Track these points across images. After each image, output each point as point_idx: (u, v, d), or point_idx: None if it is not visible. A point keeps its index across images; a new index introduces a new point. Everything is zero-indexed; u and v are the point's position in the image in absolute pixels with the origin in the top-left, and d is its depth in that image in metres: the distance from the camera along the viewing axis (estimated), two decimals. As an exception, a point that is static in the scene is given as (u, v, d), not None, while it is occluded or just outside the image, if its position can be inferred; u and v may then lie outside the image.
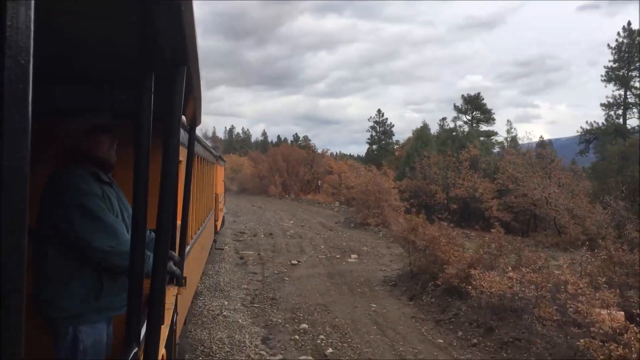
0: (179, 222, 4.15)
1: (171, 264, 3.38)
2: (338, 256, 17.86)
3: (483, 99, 56.38)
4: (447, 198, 28.74)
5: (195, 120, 4.23)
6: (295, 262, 16.57)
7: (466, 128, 55.20)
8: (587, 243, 24.98)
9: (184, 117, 3.76)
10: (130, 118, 2.54)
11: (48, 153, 3.01)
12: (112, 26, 2.18)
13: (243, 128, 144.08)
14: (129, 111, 2.88)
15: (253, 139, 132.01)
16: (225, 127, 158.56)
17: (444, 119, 72.49)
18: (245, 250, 18.92)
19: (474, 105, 56.53)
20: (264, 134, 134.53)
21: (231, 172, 63.81)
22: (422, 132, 36.58)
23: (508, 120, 45.27)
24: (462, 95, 57.60)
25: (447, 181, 29.78)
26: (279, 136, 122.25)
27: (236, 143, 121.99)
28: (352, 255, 17.94)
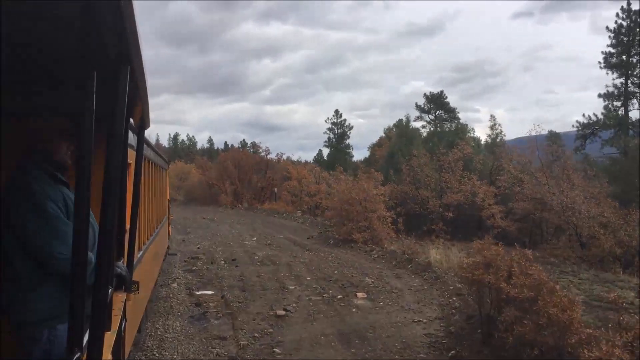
0: (128, 227, 4.18)
1: (120, 267, 3.37)
2: (339, 296, 12.14)
3: (446, 97, 52.03)
4: (441, 205, 23.63)
5: (144, 122, 4.12)
6: (282, 311, 10.73)
7: (430, 128, 50.99)
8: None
9: (132, 120, 3.77)
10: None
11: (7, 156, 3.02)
12: (53, 23, 1.97)
13: (188, 135, 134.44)
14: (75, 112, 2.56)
15: (199, 146, 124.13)
16: (169, 134, 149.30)
17: (400, 120, 68.33)
18: (202, 288, 13.00)
19: (437, 104, 52.14)
20: (210, 140, 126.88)
21: (177, 180, 57.14)
22: (405, 129, 30.98)
23: (492, 116, 40.50)
24: (425, 94, 53.12)
25: (441, 185, 24.53)
26: (225, 142, 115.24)
27: (181, 150, 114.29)
28: (358, 294, 12.27)
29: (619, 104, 32.78)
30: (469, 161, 25.81)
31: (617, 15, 33.95)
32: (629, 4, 33.46)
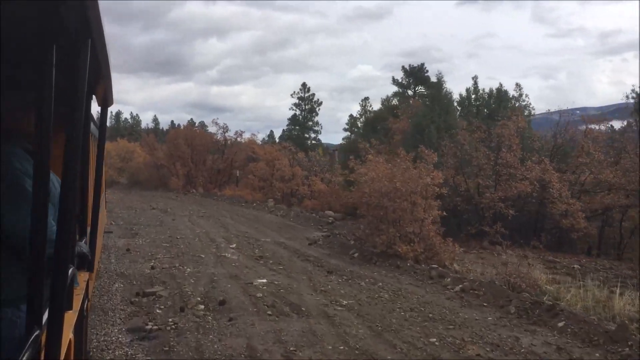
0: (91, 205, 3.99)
1: (82, 247, 3.29)
2: None
3: (427, 71, 45.15)
4: (501, 198, 16.30)
5: (107, 100, 3.99)
6: None
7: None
8: None
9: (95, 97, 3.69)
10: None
11: None
12: None
13: (132, 113, 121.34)
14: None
15: (143, 125, 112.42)
16: (111, 112, 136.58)
17: (366, 98, 61.03)
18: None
19: (417, 78, 45.25)
20: (155, 119, 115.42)
21: (119, 161, 47.87)
22: (437, 93, 22.95)
23: (517, 84, 32.96)
24: (403, 67, 46.08)
25: (497, 170, 17.09)
26: (172, 122, 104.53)
27: (124, 129, 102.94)
28: None
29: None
30: (524, 139, 18.57)
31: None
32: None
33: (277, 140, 66.46)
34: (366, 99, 61.35)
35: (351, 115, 61.87)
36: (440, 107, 20.78)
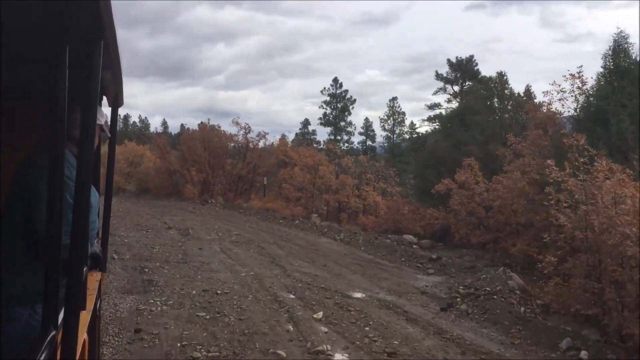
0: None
1: (95, 247, 3.18)
2: None
3: (477, 64, 38.65)
4: None
5: (118, 100, 3.93)
6: None
7: (454, 104, 37.94)
8: None
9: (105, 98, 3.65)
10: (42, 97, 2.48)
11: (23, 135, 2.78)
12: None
13: (140, 116, 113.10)
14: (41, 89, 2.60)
15: (152, 129, 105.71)
16: (119, 115, 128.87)
17: (394, 98, 55.29)
18: None
19: (465, 72, 38.73)
20: (164, 123, 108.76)
21: (127, 166, 41.15)
22: (616, 62, 15.44)
23: None
24: (448, 60, 39.64)
25: None
26: (182, 124, 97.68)
27: (132, 133, 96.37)
28: None
29: None
30: None
31: None
32: None
33: (289, 144, 60.30)
34: (394, 99, 55.35)
35: (367, 119, 57.26)
36: (631, 83, 13.79)
